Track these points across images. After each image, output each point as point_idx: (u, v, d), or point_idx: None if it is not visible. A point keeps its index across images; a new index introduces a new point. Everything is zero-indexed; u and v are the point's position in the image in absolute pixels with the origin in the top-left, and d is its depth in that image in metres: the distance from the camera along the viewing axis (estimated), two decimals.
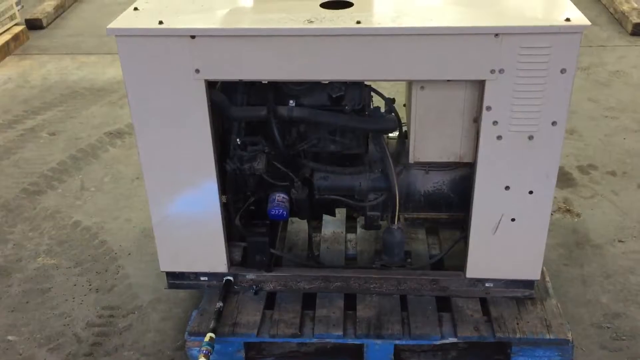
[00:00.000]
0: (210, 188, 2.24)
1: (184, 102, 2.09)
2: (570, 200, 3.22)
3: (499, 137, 2.06)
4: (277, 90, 2.22)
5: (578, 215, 3.09)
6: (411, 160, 2.25)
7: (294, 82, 2.18)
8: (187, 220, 2.31)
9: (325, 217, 2.78)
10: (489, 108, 2.02)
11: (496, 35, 1.90)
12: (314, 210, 2.51)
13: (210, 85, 2.11)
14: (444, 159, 2.25)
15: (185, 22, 2.01)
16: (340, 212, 2.80)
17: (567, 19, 1.90)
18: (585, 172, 3.47)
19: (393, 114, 2.30)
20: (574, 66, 1.95)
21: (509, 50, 1.92)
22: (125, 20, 2.05)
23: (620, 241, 2.92)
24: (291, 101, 2.22)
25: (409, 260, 2.45)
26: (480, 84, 2.04)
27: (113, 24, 2.02)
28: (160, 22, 2.00)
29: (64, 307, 2.66)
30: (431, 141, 2.21)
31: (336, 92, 2.22)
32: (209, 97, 2.11)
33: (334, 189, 2.38)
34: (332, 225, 2.81)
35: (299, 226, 2.81)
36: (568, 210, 3.14)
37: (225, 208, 2.42)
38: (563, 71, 1.95)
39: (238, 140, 2.24)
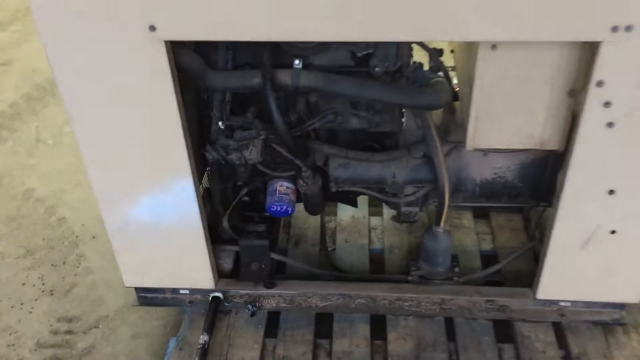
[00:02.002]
0: (183, 185, 1.59)
1: (137, 72, 1.40)
2: None
3: (610, 124, 1.37)
4: (276, 47, 1.50)
5: None
6: (470, 146, 1.56)
7: None
8: (154, 225, 1.68)
9: None
10: (600, 83, 1.32)
11: None
12: (329, 201, 1.87)
13: (176, 44, 1.40)
14: (518, 146, 1.56)
15: None
16: None
17: None
18: None
19: (442, 74, 1.61)
20: None
21: None
22: None
23: None
24: (297, 61, 1.50)
25: (457, 269, 1.83)
26: (589, 47, 1.32)
27: None
28: None
29: (8, 317, 2.08)
30: (502, 121, 1.51)
31: (362, 48, 1.51)
32: (174, 63, 1.40)
33: (357, 180, 1.72)
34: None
35: None
36: None
37: (209, 201, 1.79)
38: None
39: (220, 123, 1.55)
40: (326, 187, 1.74)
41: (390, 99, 1.50)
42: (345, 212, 2.15)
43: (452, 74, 1.74)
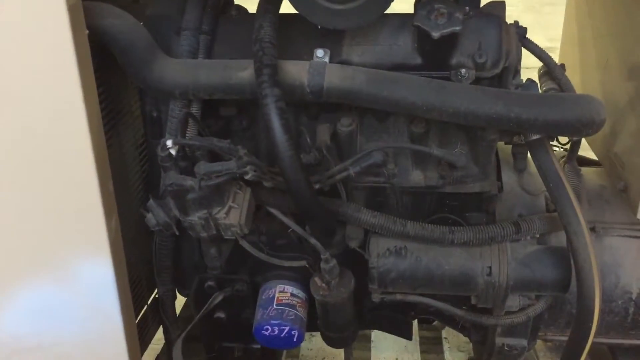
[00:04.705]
0: (96, 279, 0.83)
1: None
2: None
3: None
4: (284, 29, 0.82)
5: None
6: None
7: None
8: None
9: None
10: None
11: None
12: (364, 327, 1.09)
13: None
14: None
15: None
16: None
17: None
18: None
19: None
20: None
21: None
22: None
23: None
24: (320, 52, 0.83)
25: None
26: None
27: None
28: None
29: None
30: None
31: (441, 24, 0.83)
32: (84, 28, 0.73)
33: (420, 280, 0.94)
34: (391, 339, 1.36)
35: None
36: None
37: (157, 312, 1.03)
38: None
39: (170, 142, 0.81)
40: (362, 294, 0.97)
41: (517, 112, 0.77)
42: (384, 353, 1.34)
43: None
